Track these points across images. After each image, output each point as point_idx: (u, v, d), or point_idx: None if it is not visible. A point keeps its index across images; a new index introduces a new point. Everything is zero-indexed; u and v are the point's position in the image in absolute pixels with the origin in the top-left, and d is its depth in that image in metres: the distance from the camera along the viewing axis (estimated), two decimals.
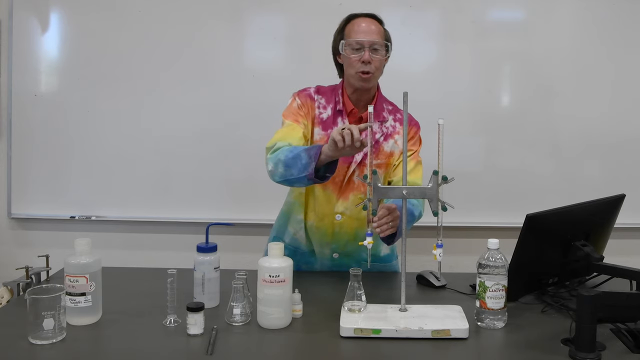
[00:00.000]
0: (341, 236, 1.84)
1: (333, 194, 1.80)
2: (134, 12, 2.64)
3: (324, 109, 1.81)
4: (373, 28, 1.73)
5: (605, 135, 2.67)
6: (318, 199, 1.81)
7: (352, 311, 1.44)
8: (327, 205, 1.81)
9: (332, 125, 1.79)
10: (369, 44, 1.70)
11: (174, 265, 1.61)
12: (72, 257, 1.41)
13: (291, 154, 1.64)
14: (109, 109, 2.67)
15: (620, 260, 1.70)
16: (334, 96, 1.81)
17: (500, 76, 2.71)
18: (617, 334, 1.37)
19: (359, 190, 1.80)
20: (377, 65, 1.73)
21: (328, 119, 1.79)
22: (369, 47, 1.70)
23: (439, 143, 1.42)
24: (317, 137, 1.79)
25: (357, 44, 1.71)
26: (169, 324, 1.42)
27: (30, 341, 1.30)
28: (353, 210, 1.80)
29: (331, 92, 1.83)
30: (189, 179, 2.70)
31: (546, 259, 1.62)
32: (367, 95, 1.80)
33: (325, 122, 1.80)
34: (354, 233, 1.83)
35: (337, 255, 1.87)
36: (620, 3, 2.62)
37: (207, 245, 1.56)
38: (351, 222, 1.82)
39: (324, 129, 1.79)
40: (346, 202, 1.81)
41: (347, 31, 1.76)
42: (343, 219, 1.82)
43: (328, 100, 1.81)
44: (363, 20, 1.75)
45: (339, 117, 1.80)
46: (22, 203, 2.73)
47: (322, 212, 1.82)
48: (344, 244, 1.85)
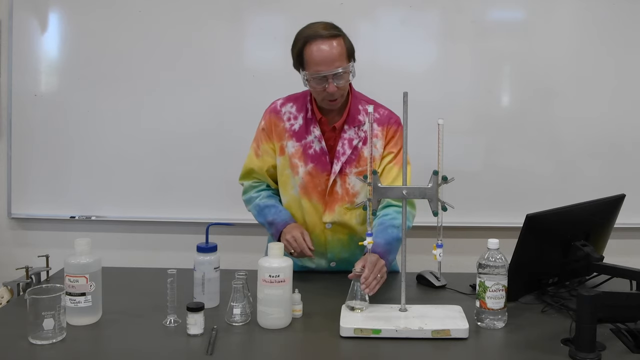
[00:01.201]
0: (334, 244, 1.82)
1: (319, 204, 1.78)
2: (134, 12, 2.64)
3: (294, 119, 1.76)
4: (334, 53, 1.61)
5: (605, 135, 2.67)
6: (306, 210, 1.79)
7: (354, 311, 1.44)
8: (316, 215, 1.79)
9: (305, 135, 1.75)
10: (332, 75, 1.61)
11: (174, 265, 1.61)
12: (72, 257, 1.41)
13: (259, 218, 1.81)
14: (109, 109, 2.67)
15: (620, 260, 1.70)
16: (305, 104, 1.76)
17: (500, 76, 2.70)
18: (617, 334, 1.37)
19: (344, 200, 1.77)
20: (343, 90, 1.67)
21: (300, 128, 1.75)
22: (333, 77, 1.61)
23: (439, 143, 1.42)
24: (291, 149, 1.76)
25: (319, 77, 1.62)
26: (169, 324, 1.42)
27: (30, 341, 1.30)
28: (341, 221, 1.78)
29: (302, 100, 1.77)
30: (189, 179, 2.69)
31: (546, 259, 1.62)
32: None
33: (298, 133, 1.75)
34: (347, 239, 1.81)
35: (334, 264, 1.86)
36: (620, 3, 2.62)
37: (207, 245, 1.56)
38: (342, 229, 1.80)
39: (297, 140, 1.75)
40: (332, 213, 1.78)
41: (307, 59, 1.63)
42: (333, 227, 1.80)
43: (300, 108, 1.76)
44: (322, 43, 1.61)
45: (311, 124, 1.75)
46: (22, 203, 2.73)
47: (312, 222, 1.80)
48: (338, 251, 1.83)
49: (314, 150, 1.75)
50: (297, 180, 1.76)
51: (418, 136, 2.33)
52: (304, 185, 1.76)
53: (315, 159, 1.75)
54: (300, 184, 1.76)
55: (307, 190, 1.76)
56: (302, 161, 1.75)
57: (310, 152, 1.75)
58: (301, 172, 1.75)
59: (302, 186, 1.76)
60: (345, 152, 1.74)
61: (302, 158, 1.75)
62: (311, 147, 1.75)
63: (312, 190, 1.76)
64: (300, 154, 1.75)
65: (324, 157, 1.75)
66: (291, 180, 1.78)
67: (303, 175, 1.75)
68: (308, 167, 1.75)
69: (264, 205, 1.79)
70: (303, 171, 1.75)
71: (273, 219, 1.76)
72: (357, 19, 2.62)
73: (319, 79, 1.63)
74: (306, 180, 1.75)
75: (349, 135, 1.75)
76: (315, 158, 1.75)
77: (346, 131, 1.75)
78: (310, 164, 1.75)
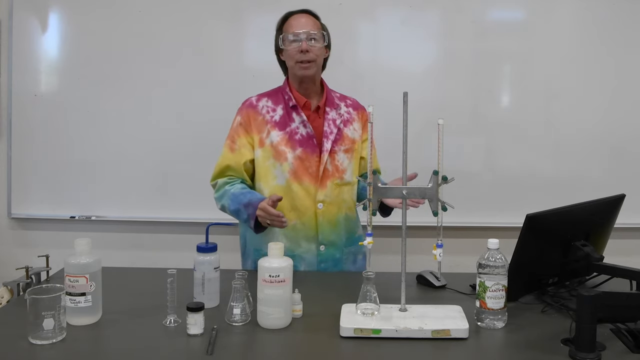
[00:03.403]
0: (325, 226, 1.88)
1: (311, 185, 1.85)
2: (134, 12, 2.65)
3: (273, 111, 1.88)
4: (309, 22, 1.84)
5: (605, 135, 2.67)
6: (297, 194, 1.85)
7: (365, 314, 1.43)
8: (308, 198, 1.85)
9: (288, 123, 1.86)
10: (306, 35, 1.81)
11: (174, 265, 1.61)
12: (72, 257, 1.41)
13: (233, 206, 1.81)
14: (109, 109, 2.68)
15: (620, 260, 1.70)
16: (282, 95, 1.90)
17: (500, 76, 2.71)
18: (617, 334, 1.37)
19: (334, 176, 1.88)
20: (316, 53, 1.83)
21: (281, 118, 1.87)
22: (306, 38, 1.81)
23: (439, 143, 1.42)
24: (276, 138, 1.85)
25: (294, 36, 1.82)
26: (169, 324, 1.42)
27: (30, 341, 1.30)
28: (332, 197, 1.88)
29: (277, 93, 1.91)
30: (189, 179, 2.69)
31: (546, 259, 1.62)
32: (314, 87, 1.90)
33: (280, 123, 1.86)
34: (335, 220, 1.89)
35: (323, 247, 1.89)
36: (620, 3, 2.63)
37: (207, 245, 1.56)
38: (332, 208, 1.88)
39: (280, 129, 1.85)
40: (325, 189, 1.87)
41: (285, 27, 1.86)
42: (324, 206, 1.87)
43: (276, 101, 1.89)
44: (299, 16, 1.86)
45: (293, 112, 1.87)
46: (22, 203, 2.73)
47: (303, 206, 1.85)
48: (328, 233, 1.89)
49: (300, 135, 1.85)
50: (286, 167, 1.84)
51: (418, 136, 2.34)
52: (294, 170, 1.84)
53: (303, 143, 1.85)
54: (290, 170, 1.84)
55: (297, 174, 1.84)
56: (290, 147, 1.84)
57: (297, 137, 1.85)
58: (290, 158, 1.84)
59: (291, 171, 1.84)
60: (332, 131, 1.88)
61: (289, 144, 1.84)
62: (297, 132, 1.85)
63: (302, 173, 1.84)
64: (286, 141, 1.84)
65: (311, 140, 1.85)
66: (273, 171, 1.85)
67: (292, 160, 1.84)
68: (297, 151, 1.84)
69: (239, 193, 1.81)
70: (292, 156, 1.84)
71: (249, 200, 1.77)
72: (357, 19, 2.63)
73: (294, 40, 1.82)
74: (296, 165, 1.84)
75: (331, 116, 1.90)
76: (303, 142, 1.85)
77: (328, 113, 1.90)
78: (299, 148, 1.84)
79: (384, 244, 2.41)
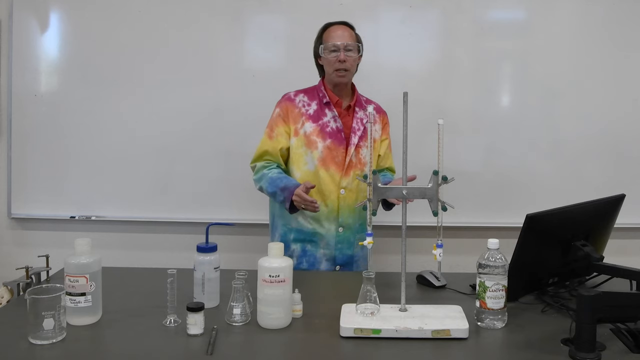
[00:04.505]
0: (344, 209, 2.06)
1: (336, 173, 2.04)
2: (134, 12, 2.65)
3: (308, 106, 2.07)
4: (346, 33, 2.04)
5: (605, 135, 2.67)
6: (323, 180, 2.04)
7: (365, 315, 1.43)
8: (332, 184, 2.04)
9: (321, 117, 2.06)
10: (343, 46, 2.01)
11: (174, 265, 1.61)
12: (72, 257, 1.41)
13: (271, 189, 1.99)
14: (109, 109, 2.68)
15: (620, 260, 1.70)
16: (317, 93, 2.10)
17: (500, 76, 2.71)
18: (617, 334, 1.37)
19: (357, 167, 2.06)
20: (351, 63, 2.03)
21: (315, 112, 2.07)
22: (344, 48, 2.01)
23: (439, 143, 1.42)
24: (309, 129, 2.04)
25: (333, 47, 2.02)
26: (169, 324, 1.42)
27: (30, 341, 1.30)
28: (353, 186, 2.06)
29: (312, 90, 2.11)
30: (189, 179, 2.70)
31: (546, 259, 1.62)
32: (346, 89, 2.10)
33: (314, 116, 2.06)
34: (353, 206, 2.08)
35: (342, 229, 2.07)
36: (620, 3, 2.63)
37: (207, 245, 1.56)
38: (352, 195, 2.07)
39: (314, 122, 2.05)
40: (348, 178, 2.05)
41: (325, 37, 2.06)
42: (346, 192, 2.05)
43: (311, 97, 2.09)
44: (338, 28, 2.06)
45: (326, 108, 2.07)
46: (22, 203, 2.73)
47: (327, 190, 2.04)
48: (347, 216, 2.07)
49: (330, 128, 2.05)
50: (316, 155, 2.04)
51: (418, 136, 2.34)
52: (323, 157, 2.04)
53: (332, 135, 2.05)
54: (319, 157, 2.04)
55: (325, 162, 2.04)
56: (321, 138, 2.04)
57: (328, 129, 2.05)
58: (320, 147, 2.03)
59: (320, 159, 2.04)
60: (360, 128, 2.08)
61: (320, 135, 2.04)
62: (328, 125, 2.05)
63: (330, 162, 2.04)
64: (317, 132, 2.04)
65: (340, 133, 2.05)
66: (305, 157, 2.05)
67: (322, 149, 2.03)
68: (327, 142, 2.04)
69: (276, 177, 2.00)
70: (322, 146, 2.03)
71: (285, 185, 1.96)
72: (357, 19, 2.61)
73: (333, 50, 2.02)
74: (325, 154, 2.04)
75: (360, 115, 2.10)
76: (332, 135, 2.05)
77: (357, 112, 2.10)
78: (329, 139, 2.04)
79: (384, 244, 2.42)
